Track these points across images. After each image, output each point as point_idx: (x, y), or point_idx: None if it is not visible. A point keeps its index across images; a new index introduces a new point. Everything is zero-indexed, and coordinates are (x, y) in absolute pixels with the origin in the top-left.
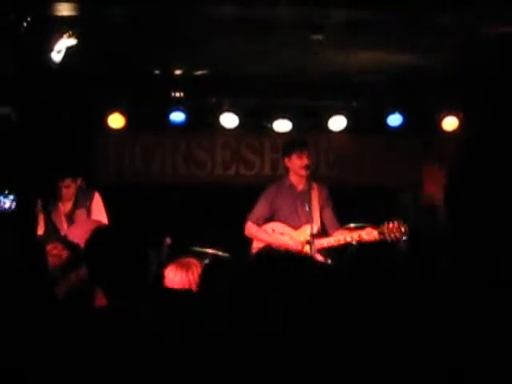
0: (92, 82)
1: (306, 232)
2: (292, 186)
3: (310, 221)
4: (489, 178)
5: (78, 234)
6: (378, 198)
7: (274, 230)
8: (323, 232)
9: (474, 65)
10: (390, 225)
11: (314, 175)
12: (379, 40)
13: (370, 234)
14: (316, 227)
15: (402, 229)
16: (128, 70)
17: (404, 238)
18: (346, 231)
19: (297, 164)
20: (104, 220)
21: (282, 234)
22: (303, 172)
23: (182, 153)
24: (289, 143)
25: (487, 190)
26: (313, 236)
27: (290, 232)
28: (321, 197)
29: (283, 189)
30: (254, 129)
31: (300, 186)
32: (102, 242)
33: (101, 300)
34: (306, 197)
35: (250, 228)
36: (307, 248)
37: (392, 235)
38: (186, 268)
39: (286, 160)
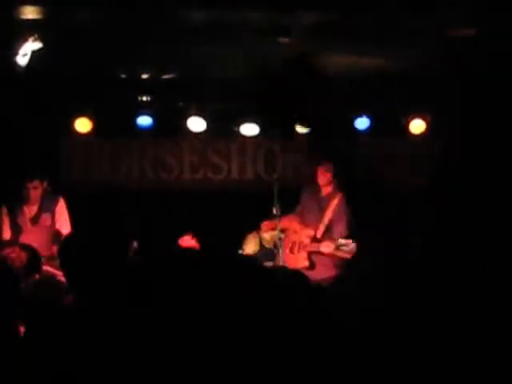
0: (58, 86)
1: (305, 233)
2: (318, 190)
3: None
4: (461, 181)
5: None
6: None
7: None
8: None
9: (442, 67)
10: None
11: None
12: (346, 43)
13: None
14: (318, 231)
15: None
16: (94, 74)
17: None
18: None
19: (321, 179)
20: (66, 225)
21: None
22: (329, 187)
23: (149, 157)
24: (314, 157)
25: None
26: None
27: (295, 227)
28: (338, 207)
29: (312, 192)
30: (221, 133)
31: (325, 191)
32: (76, 245)
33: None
34: (325, 203)
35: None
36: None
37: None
38: None
39: (317, 168)
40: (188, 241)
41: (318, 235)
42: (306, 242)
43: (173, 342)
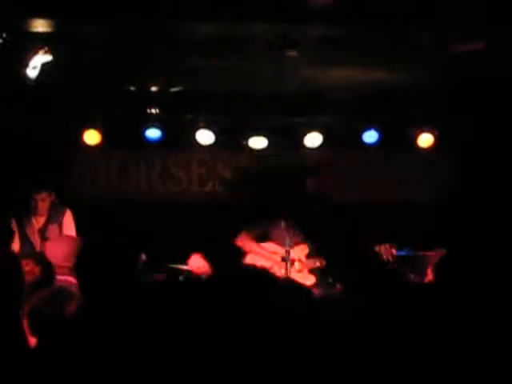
0: (68, 99)
1: (298, 252)
2: None
3: (302, 241)
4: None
5: (55, 250)
6: (354, 214)
7: (265, 248)
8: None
9: (449, 82)
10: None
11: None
12: (354, 56)
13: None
14: (308, 249)
15: (393, 251)
16: (104, 87)
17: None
18: None
19: None
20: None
21: (274, 253)
22: None
23: (157, 169)
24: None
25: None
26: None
27: (281, 251)
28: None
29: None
30: (229, 146)
31: None
32: (92, 258)
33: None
34: None
35: (246, 240)
36: (299, 266)
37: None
38: None
39: None
40: (197, 260)
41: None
42: (303, 259)
43: (177, 346)
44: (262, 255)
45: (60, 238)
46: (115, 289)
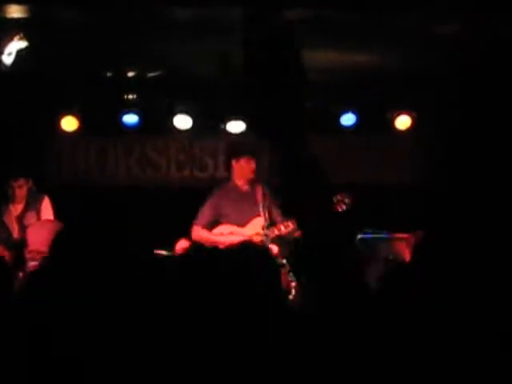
0: (44, 85)
1: (255, 225)
2: (236, 188)
3: (257, 216)
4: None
5: (36, 235)
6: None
7: (222, 233)
8: (272, 224)
9: (427, 64)
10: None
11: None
12: (332, 39)
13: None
14: (264, 220)
15: (346, 200)
16: (80, 73)
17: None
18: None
19: (244, 168)
20: None
21: (231, 233)
22: (250, 175)
23: (135, 155)
24: (238, 147)
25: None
26: (265, 226)
27: (239, 230)
28: (265, 196)
29: (227, 191)
30: (207, 130)
31: (244, 187)
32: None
33: None
34: (250, 196)
35: (199, 232)
36: (264, 239)
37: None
38: None
39: (234, 162)
40: (185, 244)
41: (264, 222)
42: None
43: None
44: (216, 241)
45: (41, 222)
46: (94, 274)
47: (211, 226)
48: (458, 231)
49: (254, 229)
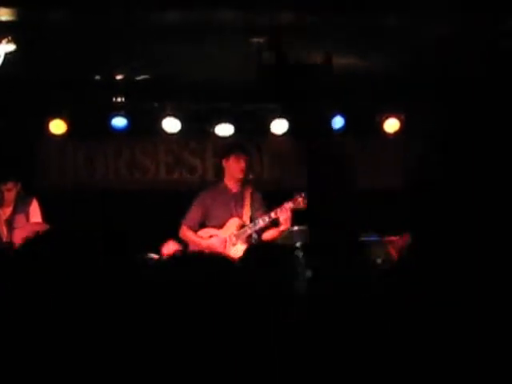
0: (32, 88)
1: (229, 227)
2: (226, 189)
3: (239, 217)
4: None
5: (22, 236)
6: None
7: (202, 237)
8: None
9: (416, 66)
10: (302, 194)
11: (248, 180)
12: (322, 42)
13: (284, 211)
14: (240, 220)
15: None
16: (68, 76)
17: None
18: (266, 216)
19: (234, 166)
20: None
21: (210, 236)
22: (240, 175)
23: (124, 158)
24: (228, 145)
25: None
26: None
27: (217, 232)
28: (254, 200)
29: (217, 192)
30: (196, 133)
31: (234, 189)
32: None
33: None
34: (239, 198)
35: (184, 231)
36: (233, 240)
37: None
38: None
39: (224, 161)
40: (172, 246)
41: (239, 223)
42: (235, 231)
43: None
44: (197, 243)
45: (29, 225)
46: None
47: (199, 226)
48: (447, 234)
49: (229, 230)
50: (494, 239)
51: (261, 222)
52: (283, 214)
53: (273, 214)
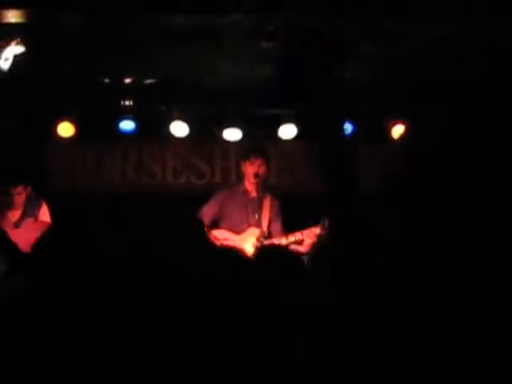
0: (41, 91)
1: (250, 235)
2: (245, 193)
3: (258, 226)
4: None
5: (23, 237)
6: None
7: (217, 238)
8: (268, 238)
9: (423, 73)
10: (306, 232)
11: (265, 185)
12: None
13: (310, 235)
14: (261, 231)
15: (317, 231)
16: (77, 79)
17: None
18: (290, 235)
19: (248, 170)
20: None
21: (225, 239)
22: (252, 179)
23: (132, 162)
24: (248, 149)
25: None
26: (260, 237)
27: (233, 237)
28: (272, 208)
29: (236, 194)
30: (204, 137)
31: (253, 193)
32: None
33: None
34: (257, 204)
35: None
36: (251, 250)
37: (310, 241)
38: None
39: (243, 165)
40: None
41: (260, 233)
42: (254, 242)
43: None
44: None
45: (29, 225)
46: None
47: (212, 225)
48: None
49: (248, 239)
50: (495, 242)
51: (283, 241)
52: (309, 238)
53: (299, 236)
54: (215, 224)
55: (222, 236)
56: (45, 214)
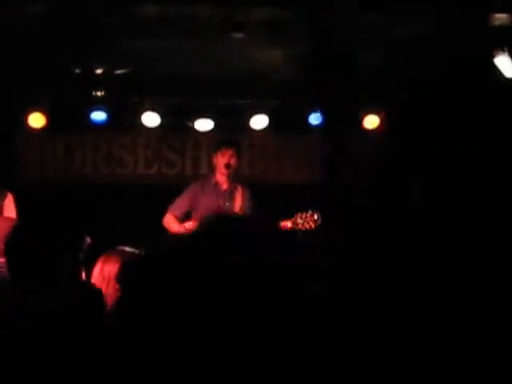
0: (11, 81)
1: None
2: (216, 185)
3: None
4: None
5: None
6: (300, 196)
7: (187, 228)
8: None
9: (396, 63)
10: (303, 214)
11: (236, 176)
12: (301, 38)
13: (283, 227)
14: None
15: (315, 217)
16: (48, 69)
17: (317, 226)
18: None
19: (219, 161)
20: None
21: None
22: (223, 170)
23: (103, 152)
24: (219, 141)
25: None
26: None
27: None
28: (244, 199)
29: (207, 186)
30: (175, 128)
31: (224, 185)
32: (20, 240)
33: None
34: (228, 196)
35: (169, 220)
36: None
37: (305, 225)
38: (104, 260)
39: (214, 156)
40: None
41: None
42: None
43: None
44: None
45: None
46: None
47: (185, 217)
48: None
49: None
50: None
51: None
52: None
53: None
54: (188, 216)
55: (192, 227)
56: (10, 205)
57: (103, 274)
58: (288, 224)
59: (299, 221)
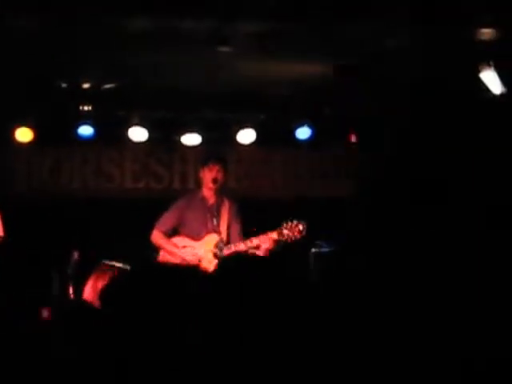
0: None
1: (209, 242)
2: (203, 199)
3: (216, 232)
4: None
5: None
6: (288, 210)
7: (176, 245)
8: (227, 243)
9: (383, 75)
10: (288, 225)
11: (223, 191)
12: (288, 52)
13: (267, 240)
14: (220, 237)
15: (300, 227)
16: (35, 84)
17: (302, 236)
18: (248, 241)
19: (207, 176)
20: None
21: (184, 247)
22: (210, 185)
23: (90, 166)
24: (205, 155)
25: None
26: (219, 243)
27: (193, 244)
28: (230, 212)
29: (194, 201)
30: (163, 142)
31: (211, 199)
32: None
33: None
34: (215, 211)
35: (156, 236)
36: (210, 256)
37: (290, 235)
38: (96, 278)
39: (201, 171)
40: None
41: (219, 240)
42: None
43: None
44: (170, 252)
45: None
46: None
47: (172, 232)
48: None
49: (206, 245)
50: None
51: (242, 247)
52: (265, 243)
53: (255, 241)
54: (175, 231)
55: (181, 243)
56: None
57: (96, 290)
58: (274, 235)
59: (285, 231)
